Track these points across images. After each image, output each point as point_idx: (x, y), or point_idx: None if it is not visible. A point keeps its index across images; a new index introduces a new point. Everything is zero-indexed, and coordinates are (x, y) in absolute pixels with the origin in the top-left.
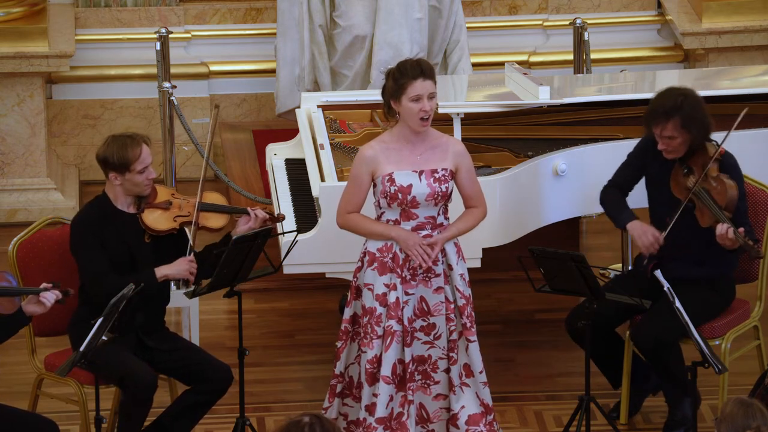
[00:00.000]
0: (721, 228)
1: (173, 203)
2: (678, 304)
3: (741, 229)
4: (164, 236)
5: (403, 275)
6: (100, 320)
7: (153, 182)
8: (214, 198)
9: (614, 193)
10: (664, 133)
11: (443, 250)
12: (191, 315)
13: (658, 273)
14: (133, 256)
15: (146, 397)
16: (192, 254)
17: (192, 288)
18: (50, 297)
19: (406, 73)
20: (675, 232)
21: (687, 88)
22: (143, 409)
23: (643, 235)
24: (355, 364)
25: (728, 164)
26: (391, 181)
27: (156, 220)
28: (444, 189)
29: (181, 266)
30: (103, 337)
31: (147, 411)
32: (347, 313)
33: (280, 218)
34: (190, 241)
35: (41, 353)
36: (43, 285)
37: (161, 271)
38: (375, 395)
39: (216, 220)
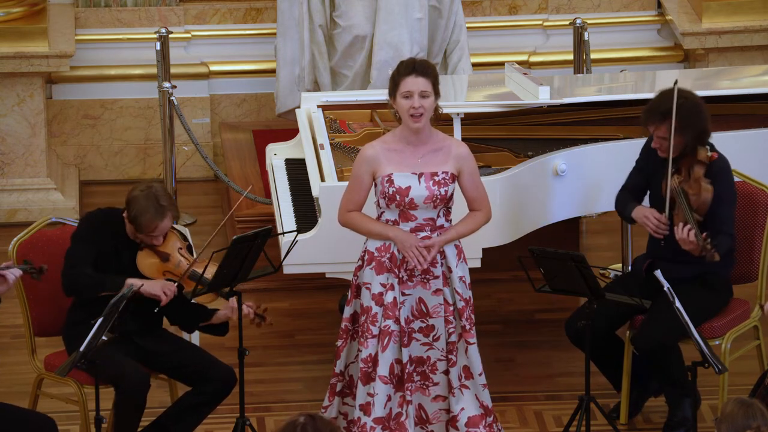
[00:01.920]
0: (679, 230)
1: (171, 259)
2: (678, 304)
3: (704, 234)
4: None
5: (400, 276)
6: (100, 320)
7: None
8: (213, 272)
9: (623, 194)
10: (657, 133)
11: (442, 252)
12: None
13: (658, 273)
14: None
15: (137, 397)
16: (177, 285)
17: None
18: (14, 272)
19: (400, 71)
20: (669, 232)
21: (689, 92)
22: (135, 410)
23: (646, 219)
24: (356, 363)
25: (717, 168)
26: (390, 182)
27: (147, 265)
28: (443, 192)
29: (156, 284)
30: (103, 337)
31: (140, 412)
32: (347, 311)
33: (265, 320)
34: (181, 277)
35: (41, 353)
36: (5, 264)
37: (133, 281)
38: (369, 395)
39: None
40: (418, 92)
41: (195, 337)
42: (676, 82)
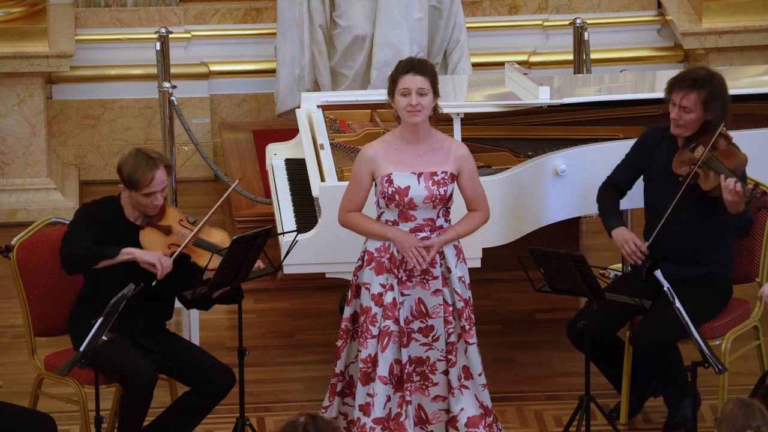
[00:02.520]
0: (729, 182)
1: (173, 230)
2: (678, 304)
3: (750, 185)
4: None
5: (400, 276)
6: (100, 320)
7: (164, 204)
8: (216, 235)
9: (608, 193)
10: (683, 102)
11: (441, 253)
12: (191, 315)
13: (658, 273)
14: (126, 264)
15: (146, 391)
16: (172, 256)
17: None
18: None
19: (399, 69)
20: (669, 231)
21: (720, 75)
22: (143, 404)
23: (625, 243)
24: (356, 363)
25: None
26: (390, 182)
27: (151, 241)
28: (442, 192)
29: (152, 254)
30: (103, 337)
31: (147, 406)
32: (347, 311)
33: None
34: (177, 251)
35: (41, 353)
36: None
37: (131, 250)
38: (369, 395)
39: (205, 259)
40: (416, 89)
41: (195, 338)
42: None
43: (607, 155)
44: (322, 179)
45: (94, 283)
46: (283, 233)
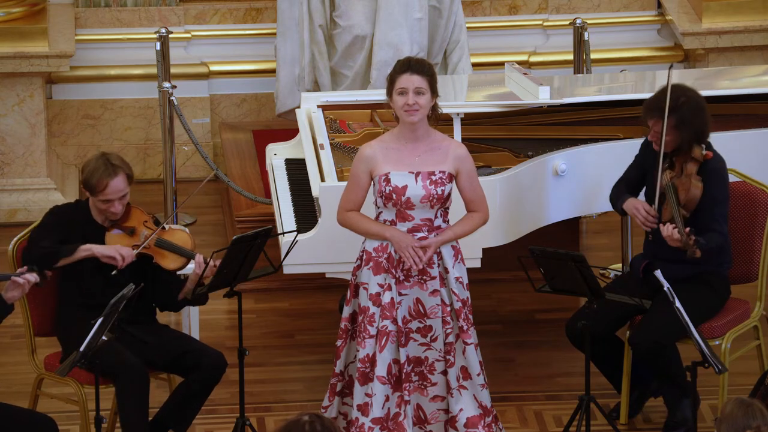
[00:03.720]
0: (665, 228)
1: (137, 232)
2: (678, 304)
3: (687, 229)
4: None
5: (397, 276)
6: (100, 320)
7: (130, 204)
8: (179, 237)
9: (618, 187)
10: (655, 128)
11: (439, 253)
12: (191, 315)
13: (658, 273)
14: (96, 265)
15: (140, 383)
16: (135, 252)
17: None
18: (29, 278)
19: (396, 69)
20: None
21: (693, 90)
22: (139, 402)
23: (636, 210)
24: (355, 362)
25: (710, 167)
26: (387, 181)
27: (115, 242)
28: (440, 192)
29: (110, 247)
30: (103, 337)
31: (145, 405)
32: (346, 311)
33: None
34: (138, 250)
35: (41, 353)
36: (18, 270)
37: (88, 246)
38: (367, 395)
39: (171, 261)
40: (413, 89)
41: (195, 333)
42: (671, 66)
43: (607, 155)
44: (322, 179)
45: (63, 285)
46: (283, 233)
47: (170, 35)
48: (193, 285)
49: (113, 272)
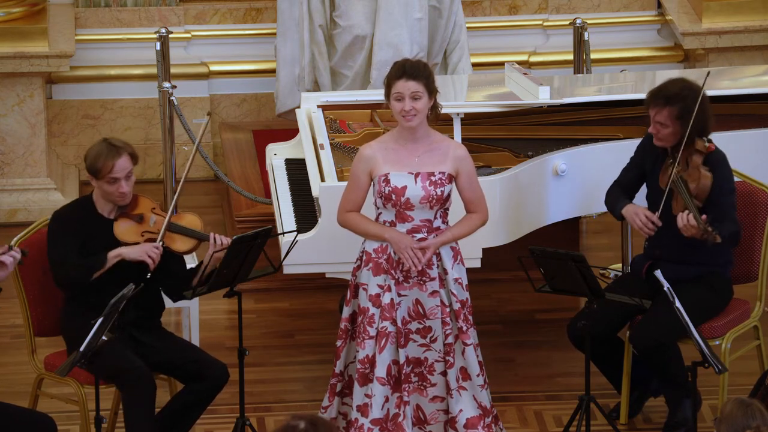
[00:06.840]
0: (681, 216)
1: (145, 218)
2: (678, 304)
3: (704, 216)
4: None
5: (397, 277)
6: (100, 320)
7: (136, 193)
8: (189, 221)
9: (614, 190)
10: (657, 117)
11: (438, 254)
12: (191, 315)
13: (658, 273)
14: (122, 266)
15: (145, 386)
16: (161, 243)
17: (191, 289)
18: (10, 258)
19: (391, 74)
20: (666, 231)
21: (698, 85)
22: (145, 403)
23: (635, 216)
24: (355, 362)
25: (714, 159)
26: (386, 181)
27: (124, 231)
28: (439, 192)
29: (137, 249)
30: (103, 337)
31: (151, 409)
32: (346, 311)
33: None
34: (161, 234)
35: (41, 353)
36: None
37: (117, 251)
38: (367, 396)
39: (182, 244)
40: (409, 94)
41: (195, 338)
42: (708, 74)
43: (607, 155)
44: (322, 179)
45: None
46: (283, 233)
47: (170, 35)
48: (212, 267)
49: (148, 275)
